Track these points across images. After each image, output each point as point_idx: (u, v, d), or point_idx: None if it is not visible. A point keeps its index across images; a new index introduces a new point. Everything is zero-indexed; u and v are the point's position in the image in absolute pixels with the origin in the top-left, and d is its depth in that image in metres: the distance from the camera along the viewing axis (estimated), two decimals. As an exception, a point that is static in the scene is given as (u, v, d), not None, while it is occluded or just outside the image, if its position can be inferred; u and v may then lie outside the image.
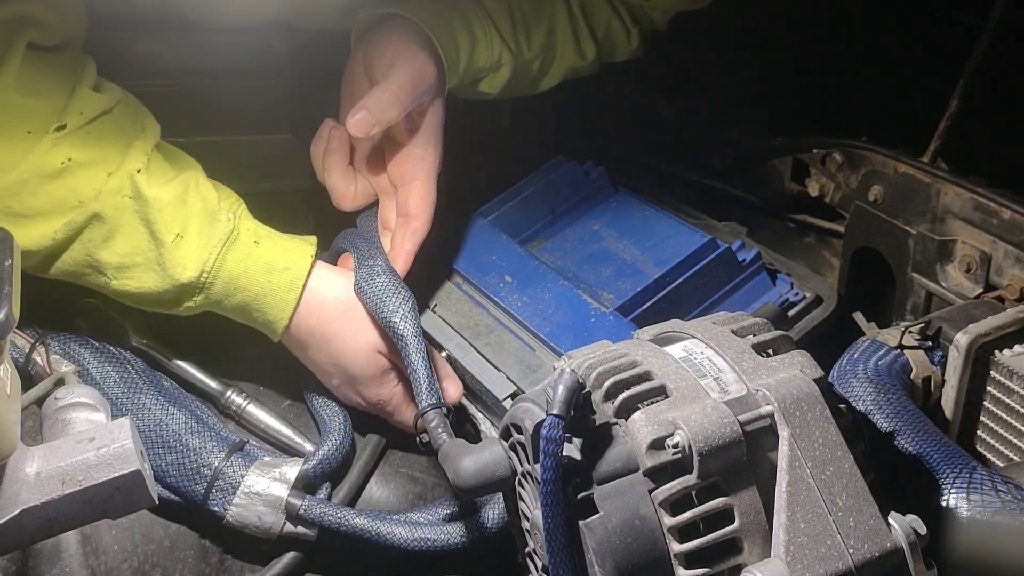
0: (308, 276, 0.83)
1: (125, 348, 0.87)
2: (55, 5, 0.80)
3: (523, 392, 0.82)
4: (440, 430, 0.74)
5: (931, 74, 0.96)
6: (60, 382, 0.74)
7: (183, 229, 0.79)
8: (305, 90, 1.01)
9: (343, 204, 0.92)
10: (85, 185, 0.77)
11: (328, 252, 0.93)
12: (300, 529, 0.81)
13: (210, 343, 0.89)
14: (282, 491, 0.80)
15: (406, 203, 0.90)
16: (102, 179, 0.77)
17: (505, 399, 0.84)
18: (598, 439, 0.58)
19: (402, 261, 0.88)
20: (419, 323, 0.81)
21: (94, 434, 0.63)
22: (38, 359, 0.83)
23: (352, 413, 0.88)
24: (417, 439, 0.80)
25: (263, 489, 0.80)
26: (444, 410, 0.77)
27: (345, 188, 0.92)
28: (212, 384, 0.89)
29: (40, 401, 0.72)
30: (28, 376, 0.82)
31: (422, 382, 0.78)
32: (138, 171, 0.78)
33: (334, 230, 0.94)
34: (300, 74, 1.01)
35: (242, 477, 0.80)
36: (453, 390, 0.86)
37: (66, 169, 0.76)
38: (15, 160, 0.75)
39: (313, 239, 0.86)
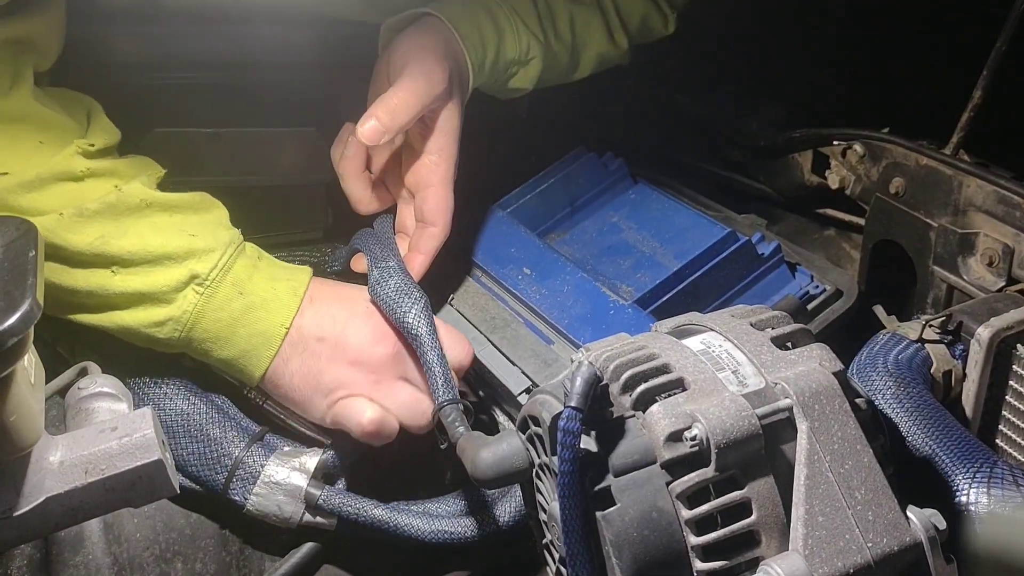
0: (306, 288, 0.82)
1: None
2: (49, 23, 0.81)
3: (538, 387, 0.82)
4: (457, 423, 0.74)
5: (953, 65, 0.95)
6: (83, 372, 0.74)
7: (195, 231, 0.79)
8: (329, 83, 1.01)
9: (360, 208, 0.93)
10: (95, 192, 0.77)
11: (344, 250, 0.93)
12: (319, 519, 0.82)
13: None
14: (302, 481, 0.81)
15: (422, 209, 0.90)
16: (111, 188, 0.77)
17: (520, 394, 0.84)
18: (615, 432, 0.58)
19: (417, 265, 0.88)
20: (433, 322, 0.81)
21: (117, 423, 0.64)
22: (61, 349, 0.84)
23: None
24: (439, 444, 0.80)
25: (283, 479, 0.81)
26: (461, 406, 0.77)
27: (361, 192, 0.92)
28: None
29: (63, 391, 0.73)
30: (52, 366, 0.83)
31: (438, 378, 0.78)
32: (151, 188, 0.79)
33: (354, 224, 0.94)
34: (324, 67, 1.01)
35: (262, 467, 0.81)
36: (464, 355, 0.84)
37: (82, 177, 0.77)
38: (33, 164, 0.75)
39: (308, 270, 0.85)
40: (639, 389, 0.59)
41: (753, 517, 0.56)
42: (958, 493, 0.65)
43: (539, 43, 0.98)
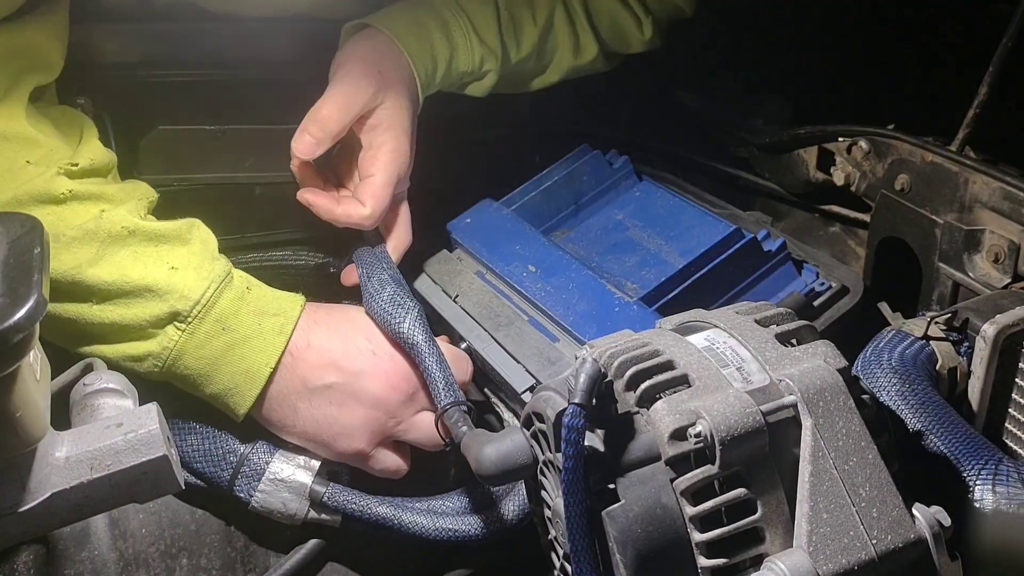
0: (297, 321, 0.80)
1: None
2: (48, 33, 0.81)
3: (543, 384, 0.82)
4: (460, 424, 0.75)
5: (960, 62, 0.95)
6: (88, 368, 0.75)
7: (179, 264, 0.77)
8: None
9: (323, 215, 0.90)
10: (77, 217, 0.75)
11: (343, 261, 0.93)
12: (324, 516, 0.82)
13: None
14: (307, 478, 0.81)
15: (356, 196, 0.89)
16: (95, 214, 0.76)
17: (524, 392, 0.84)
18: (620, 428, 0.58)
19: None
20: (428, 329, 0.82)
21: (122, 419, 0.64)
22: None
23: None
24: (444, 444, 0.80)
25: (288, 475, 0.81)
26: (464, 408, 0.77)
27: (324, 201, 0.90)
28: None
29: (69, 386, 0.73)
30: (57, 362, 0.83)
31: (439, 383, 0.78)
32: (139, 216, 0.78)
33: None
34: (325, 64, 1.01)
35: (267, 463, 0.81)
36: (462, 372, 0.86)
37: (64, 200, 0.75)
38: (11, 185, 0.74)
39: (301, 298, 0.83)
40: (643, 386, 0.59)
41: (757, 514, 0.56)
42: (963, 490, 0.65)
43: (495, 58, 0.98)
